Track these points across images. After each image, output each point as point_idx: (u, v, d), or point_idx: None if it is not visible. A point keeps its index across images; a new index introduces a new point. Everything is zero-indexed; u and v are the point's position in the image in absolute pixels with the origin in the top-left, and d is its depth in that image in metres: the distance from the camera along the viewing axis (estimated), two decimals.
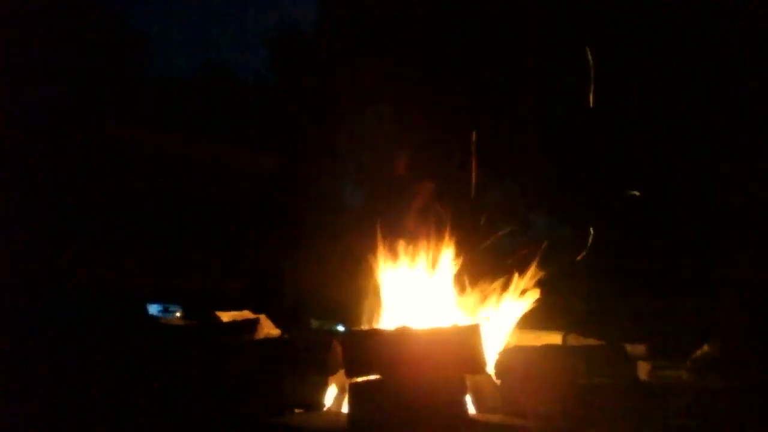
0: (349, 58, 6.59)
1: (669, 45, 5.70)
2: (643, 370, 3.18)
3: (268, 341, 3.34)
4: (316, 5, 8.04)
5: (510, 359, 2.79)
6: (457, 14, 6.30)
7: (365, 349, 2.74)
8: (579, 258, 3.85)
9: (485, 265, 3.48)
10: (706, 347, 3.26)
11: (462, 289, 3.42)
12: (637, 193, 5.13)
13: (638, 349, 3.41)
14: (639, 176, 5.78)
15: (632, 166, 5.87)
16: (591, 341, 3.39)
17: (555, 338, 3.53)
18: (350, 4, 7.28)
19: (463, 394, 2.62)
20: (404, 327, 2.81)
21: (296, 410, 2.94)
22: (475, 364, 2.68)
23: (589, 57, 3.93)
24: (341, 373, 2.85)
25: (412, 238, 3.48)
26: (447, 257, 3.43)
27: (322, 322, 5.98)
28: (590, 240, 3.87)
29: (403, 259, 3.43)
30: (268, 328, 3.51)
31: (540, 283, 3.33)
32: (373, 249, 3.39)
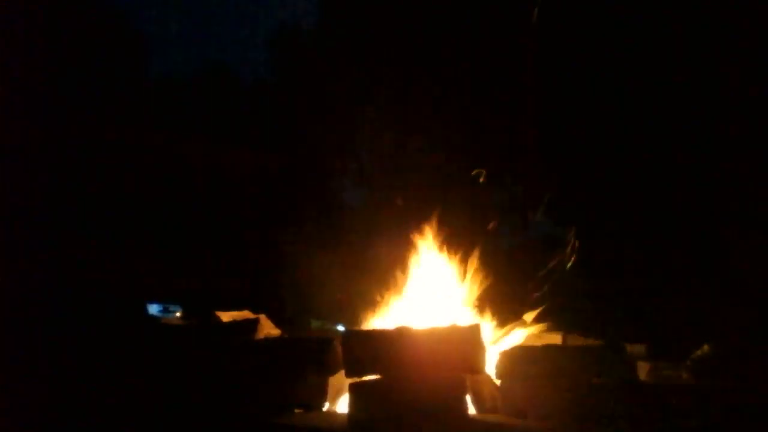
0: (349, 59, 6.59)
1: (668, 44, 5.69)
2: (643, 370, 3.18)
3: (268, 341, 3.34)
4: (317, 6, 8.04)
5: (510, 359, 2.79)
6: (457, 15, 6.30)
7: (365, 349, 2.74)
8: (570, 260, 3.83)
9: (486, 265, 3.48)
10: (706, 347, 3.26)
11: (463, 289, 3.42)
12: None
13: (638, 349, 3.41)
14: (639, 175, 5.78)
15: (632, 165, 5.87)
16: (591, 341, 3.39)
17: (555, 338, 3.53)
18: (351, 4, 7.28)
19: (463, 394, 2.62)
20: (404, 327, 2.81)
21: (296, 410, 2.94)
22: (475, 364, 2.68)
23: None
24: (341, 373, 2.85)
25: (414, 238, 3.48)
26: (446, 257, 3.44)
27: (322, 322, 5.98)
28: (573, 239, 3.84)
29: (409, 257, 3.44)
30: (268, 328, 3.51)
31: (541, 285, 3.33)
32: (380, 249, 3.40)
